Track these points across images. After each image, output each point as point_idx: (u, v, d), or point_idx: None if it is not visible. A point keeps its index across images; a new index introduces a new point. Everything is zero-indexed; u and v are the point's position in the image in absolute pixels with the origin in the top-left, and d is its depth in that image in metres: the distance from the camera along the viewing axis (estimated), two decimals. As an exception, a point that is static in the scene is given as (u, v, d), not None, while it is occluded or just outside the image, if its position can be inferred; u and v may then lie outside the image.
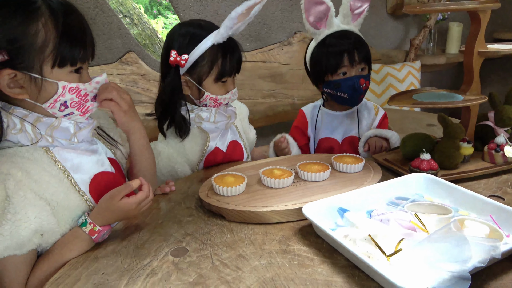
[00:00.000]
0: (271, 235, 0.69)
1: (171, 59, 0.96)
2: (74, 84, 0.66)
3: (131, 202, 0.67)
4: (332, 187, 0.83)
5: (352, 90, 1.09)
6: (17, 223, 0.60)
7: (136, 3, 2.77)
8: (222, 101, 1.03)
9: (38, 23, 0.60)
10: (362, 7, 1.12)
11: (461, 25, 2.53)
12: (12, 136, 0.65)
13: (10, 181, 0.61)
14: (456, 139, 0.95)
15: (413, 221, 0.62)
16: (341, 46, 1.08)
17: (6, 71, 0.60)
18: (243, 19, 0.96)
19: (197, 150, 1.06)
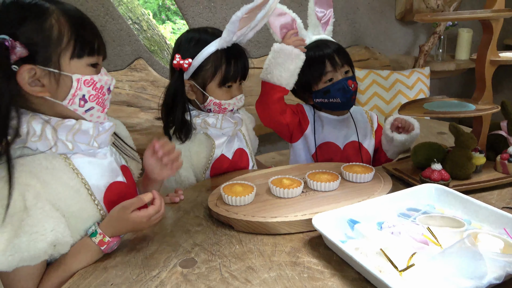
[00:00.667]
0: (280, 246, 0.69)
1: (174, 63, 0.99)
2: (89, 76, 0.66)
3: (142, 216, 0.67)
4: (342, 197, 0.82)
5: (343, 92, 1.09)
6: (34, 235, 0.60)
7: (145, 9, 2.80)
8: (226, 106, 1.04)
9: (51, 19, 0.62)
10: (327, 14, 1.12)
11: (471, 31, 2.50)
12: (31, 144, 0.65)
13: (29, 193, 0.61)
14: (468, 149, 0.93)
15: (425, 235, 0.61)
16: (321, 55, 1.08)
17: (26, 67, 0.61)
18: (246, 23, 0.95)
19: (202, 156, 1.06)
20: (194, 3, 1.87)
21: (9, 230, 0.58)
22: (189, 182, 1.05)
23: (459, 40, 2.53)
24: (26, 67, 0.61)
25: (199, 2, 1.88)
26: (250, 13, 0.92)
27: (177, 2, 1.86)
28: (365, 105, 2.21)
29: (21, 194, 0.60)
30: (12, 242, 0.58)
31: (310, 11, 1.10)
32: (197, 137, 1.06)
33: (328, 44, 1.11)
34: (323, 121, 1.19)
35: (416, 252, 0.58)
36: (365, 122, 1.23)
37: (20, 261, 0.59)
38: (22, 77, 0.61)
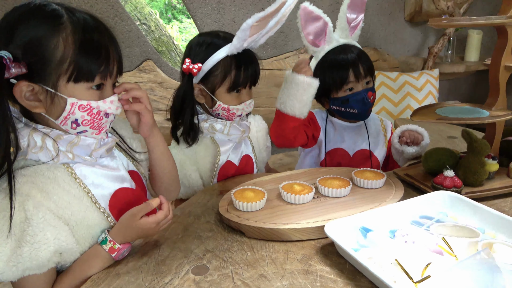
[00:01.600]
0: (292, 253, 0.68)
1: (184, 67, 0.99)
2: (85, 102, 0.64)
3: (151, 221, 0.67)
4: (353, 204, 0.82)
5: (361, 104, 1.08)
6: (36, 245, 0.60)
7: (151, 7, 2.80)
8: (234, 111, 1.03)
9: (59, 37, 0.60)
10: (358, 18, 1.10)
11: (480, 33, 2.48)
12: (32, 155, 0.65)
13: (29, 203, 0.61)
14: (482, 155, 0.92)
15: (440, 245, 0.60)
16: (345, 60, 1.06)
17: (24, 83, 0.60)
18: (257, 31, 0.94)
19: (208, 160, 1.06)
20: (203, 4, 1.87)
21: (12, 240, 0.59)
22: (197, 185, 1.06)
23: (468, 41, 2.50)
24: (24, 83, 0.61)
25: (207, 3, 1.88)
26: (261, 21, 0.91)
27: (186, 3, 1.86)
28: (373, 107, 2.20)
29: (21, 204, 0.60)
30: (15, 253, 0.59)
31: (341, 13, 1.08)
32: (204, 141, 1.06)
33: (354, 50, 1.09)
34: (335, 127, 1.19)
35: (431, 263, 0.57)
36: (378, 131, 1.22)
37: (24, 270, 0.60)
38: (19, 91, 0.61)
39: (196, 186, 1.06)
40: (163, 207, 0.69)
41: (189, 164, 1.04)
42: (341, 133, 1.18)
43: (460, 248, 0.62)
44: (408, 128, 1.14)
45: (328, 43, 1.08)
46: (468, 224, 0.73)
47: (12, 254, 0.58)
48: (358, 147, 1.17)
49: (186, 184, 1.04)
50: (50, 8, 0.62)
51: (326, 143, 1.18)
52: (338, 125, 1.18)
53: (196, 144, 1.04)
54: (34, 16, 0.61)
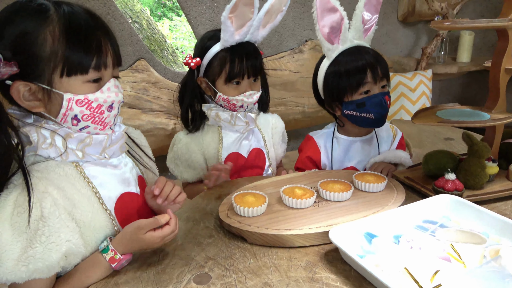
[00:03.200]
0: (296, 260, 0.67)
1: (184, 61, 1.06)
2: (82, 96, 0.62)
3: (156, 236, 0.65)
4: (355, 208, 0.81)
5: (379, 108, 1.01)
6: (49, 246, 0.58)
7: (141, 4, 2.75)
8: (234, 102, 1.06)
9: (46, 31, 0.58)
10: (372, 20, 1.04)
11: (472, 34, 2.50)
12: (43, 151, 0.63)
13: (47, 200, 0.59)
14: (482, 158, 0.92)
15: (449, 253, 0.59)
16: (363, 61, 0.99)
17: (19, 83, 0.59)
18: (243, 21, 1.00)
19: (213, 147, 1.12)
20: (197, 2, 1.84)
21: (24, 239, 0.56)
22: (202, 167, 1.12)
23: (460, 42, 2.52)
24: (20, 82, 0.59)
25: (202, 2, 1.85)
26: (237, 12, 0.97)
27: (180, 1, 1.83)
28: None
29: (39, 201, 0.58)
30: (26, 252, 0.56)
31: (357, 11, 1.00)
32: (211, 129, 1.12)
33: (370, 51, 1.02)
34: (342, 145, 1.11)
35: (439, 270, 0.56)
36: (389, 141, 1.14)
37: (33, 272, 0.57)
38: (16, 92, 0.59)
39: (201, 170, 1.12)
40: (171, 222, 0.67)
41: (194, 146, 1.11)
42: (348, 150, 1.11)
43: (467, 255, 0.61)
44: (385, 158, 1.06)
45: (343, 43, 1.01)
46: (472, 228, 0.73)
47: (22, 254, 0.56)
48: (365, 167, 1.10)
49: (192, 166, 1.11)
50: (36, 3, 0.60)
51: (333, 165, 1.11)
52: (346, 142, 1.11)
53: (203, 131, 1.12)
54: (20, 13, 0.59)
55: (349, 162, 1.11)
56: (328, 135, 1.14)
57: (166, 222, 0.66)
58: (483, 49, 2.72)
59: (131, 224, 0.65)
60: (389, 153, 1.08)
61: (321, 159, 1.13)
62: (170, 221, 0.67)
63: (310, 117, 2.14)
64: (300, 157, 1.16)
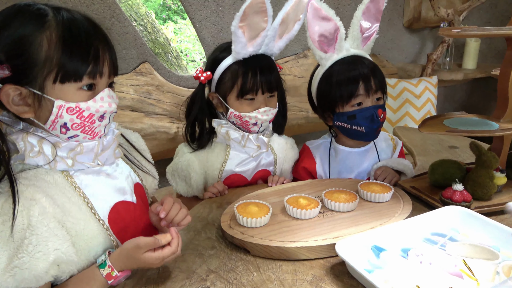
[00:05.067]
0: (301, 274, 0.65)
1: (194, 75, 0.99)
2: (74, 104, 0.60)
3: (155, 257, 0.62)
4: (362, 219, 0.79)
5: (370, 122, 0.97)
6: (37, 255, 0.56)
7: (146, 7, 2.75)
8: (247, 119, 0.99)
9: (43, 36, 0.57)
10: (372, 28, 1.00)
11: (478, 41, 2.48)
12: (30, 159, 0.61)
13: (35, 208, 0.57)
14: (491, 169, 0.90)
15: (462, 269, 0.57)
16: (356, 72, 0.96)
17: (9, 87, 0.57)
18: (256, 32, 0.91)
19: (216, 167, 1.04)
20: (201, 6, 1.83)
21: (10, 248, 0.54)
22: (198, 188, 1.03)
23: (466, 49, 2.50)
24: (10, 86, 0.57)
25: (206, 6, 1.84)
26: (248, 21, 0.88)
27: (185, 5, 1.82)
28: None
29: (26, 209, 0.56)
30: (12, 262, 0.54)
31: (355, 20, 0.97)
32: (218, 147, 1.04)
33: (365, 62, 0.98)
34: (340, 156, 1.07)
35: (452, 287, 0.54)
36: (389, 152, 1.11)
37: (20, 282, 0.55)
38: (5, 96, 0.58)
39: (196, 189, 1.03)
40: (172, 243, 0.63)
41: (196, 164, 1.02)
42: (348, 162, 1.07)
43: (480, 271, 0.59)
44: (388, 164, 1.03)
45: (338, 51, 0.98)
46: (482, 242, 0.71)
47: (9, 263, 0.54)
48: (369, 175, 1.06)
49: (188, 183, 1.03)
50: (34, 7, 0.59)
51: (330, 176, 1.07)
52: (345, 153, 1.07)
53: (210, 148, 1.04)
54: (18, 16, 0.58)
55: (347, 175, 1.07)
56: (325, 146, 1.10)
57: (167, 242, 0.63)
58: (488, 56, 2.70)
59: (130, 241, 0.63)
60: (392, 159, 1.05)
61: (316, 170, 1.09)
62: (172, 241, 0.63)
63: (313, 122, 2.12)
64: (296, 166, 1.13)
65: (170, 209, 0.67)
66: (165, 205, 0.68)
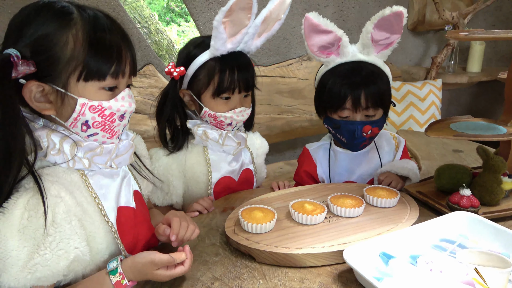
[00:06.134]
0: (308, 282, 0.63)
1: (166, 70, 0.94)
2: (96, 102, 0.61)
3: (167, 275, 0.62)
4: (368, 225, 0.77)
5: (351, 136, 0.95)
6: (59, 252, 0.56)
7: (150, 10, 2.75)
8: (222, 119, 0.95)
9: (69, 34, 0.58)
10: (390, 39, 0.93)
11: (483, 44, 2.46)
12: (51, 157, 0.61)
13: (61, 206, 0.58)
14: (498, 173, 0.88)
15: (475, 278, 0.56)
16: (345, 85, 0.92)
17: (33, 83, 0.57)
18: (237, 29, 0.88)
19: (199, 170, 1.00)
20: (205, 9, 1.83)
21: (31, 245, 0.54)
22: (177, 194, 0.99)
23: (471, 52, 2.48)
24: (33, 82, 0.58)
25: (210, 8, 1.84)
26: (232, 16, 0.85)
27: (189, 7, 1.82)
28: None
29: (51, 206, 0.56)
30: (33, 259, 0.54)
31: (365, 30, 0.92)
32: (196, 149, 1.00)
33: (365, 73, 0.93)
34: (340, 159, 1.05)
35: (462, 297, 0.53)
36: (391, 152, 1.08)
37: (38, 280, 0.55)
38: (28, 92, 0.58)
39: (175, 195, 0.99)
40: (185, 263, 0.63)
41: (175, 169, 0.98)
42: (348, 165, 1.04)
43: (492, 280, 0.58)
44: (391, 169, 1.00)
45: (342, 55, 0.95)
46: (492, 248, 0.69)
47: (29, 260, 0.54)
48: (370, 176, 1.04)
49: (165, 190, 0.97)
50: (59, 5, 0.59)
51: (331, 179, 1.05)
52: (345, 156, 1.05)
53: (186, 150, 0.99)
54: (43, 13, 0.58)
55: (349, 177, 1.05)
56: (325, 148, 1.08)
57: (181, 261, 0.63)
58: (493, 59, 2.68)
59: (145, 255, 0.62)
60: (396, 163, 1.02)
61: (317, 173, 1.07)
62: (186, 261, 0.63)
63: (317, 125, 2.11)
64: (297, 170, 1.11)
65: (179, 229, 0.66)
66: (173, 227, 0.67)
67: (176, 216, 0.68)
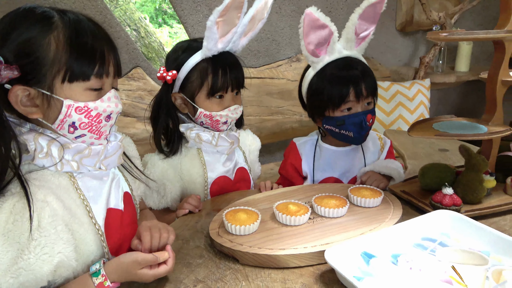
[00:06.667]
0: (290, 282, 0.64)
1: (158, 75, 0.95)
2: (82, 103, 0.61)
3: (151, 275, 0.62)
4: (352, 225, 0.78)
5: (358, 128, 0.97)
6: (42, 257, 0.56)
7: (141, 12, 2.75)
8: (218, 118, 0.97)
9: (51, 37, 0.59)
10: (368, 30, 0.99)
11: (471, 43, 2.49)
12: (38, 161, 0.62)
13: (46, 210, 0.58)
14: (480, 172, 0.90)
15: (451, 276, 0.57)
16: (347, 77, 0.95)
17: (18, 87, 0.58)
18: (228, 29, 0.90)
19: (195, 172, 1.01)
20: (194, 11, 1.83)
21: (15, 249, 0.54)
22: (172, 197, 1.00)
23: (459, 51, 2.52)
24: (19, 87, 0.58)
25: (198, 11, 1.84)
26: (226, 16, 0.87)
27: (177, 10, 1.82)
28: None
29: (37, 210, 0.57)
30: (16, 264, 0.54)
31: (350, 23, 0.95)
32: (190, 152, 1.02)
33: (357, 66, 0.98)
34: (325, 155, 1.08)
35: (439, 295, 0.54)
36: (376, 151, 1.11)
37: (20, 285, 0.55)
38: (14, 96, 0.59)
39: (171, 199, 1.00)
40: (168, 262, 0.64)
41: (171, 174, 0.99)
42: (332, 161, 1.07)
43: (469, 277, 0.59)
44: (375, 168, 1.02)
45: (330, 54, 0.97)
46: (472, 247, 0.71)
47: (12, 265, 0.54)
48: (352, 174, 1.07)
49: (161, 193, 0.98)
50: (40, 10, 0.61)
51: (314, 174, 1.08)
52: (330, 152, 1.08)
53: (181, 154, 1.01)
54: (25, 19, 0.59)
55: (332, 173, 1.07)
56: (312, 143, 1.11)
57: (164, 260, 0.63)
58: (481, 59, 2.72)
59: (128, 255, 0.62)
60: (379, 163, 1.04)
61: (302, 167, 1.09)
62: (168, 260, 0.64)
63: (307, 126, 2.12)
64: (283, 163, 1.15)
65: (150, 243, 0.65)
66: (144, 242, 0.65)
67: (146, 230, 0.66)
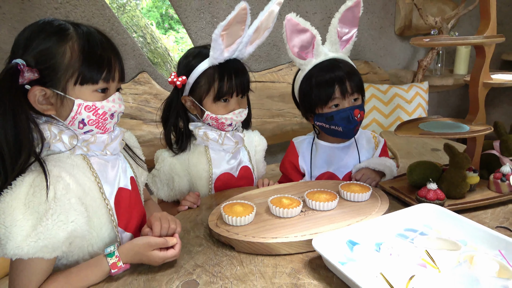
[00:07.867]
0: (280, 267, 0.70)
1: (169, 80, 1.04)
2: (91, 103, 0.71)
3: (160, 257, 0.70)
4: (340, 217, 0.84)
5: (346, 122, 1.04)
6: (58, 223, 0.64)
7: (148, 18, 2.84)
8: (223, 121, 1.05)
9: (66, 46, 0.68)
10: (350, 33, 1.07)
11: (469, 47, 2.54)
12: (54, 145, 0.71)
13: (60, 184, 0.66)
14: (463, 169, 0.95)
15: (424, 259, 0.63)
16: (331, 76, 1.03)
17: (37, 88, 0.67)
18: (234, 39, 0.98)
19: (201, 168, 1.09)
20: (197, 18, 1.91)
21: (35, 218, 0.62)
22: (180, 191, 1.08)
23: (457, 54, 2.56)
24: (37, 88, 0.68)
25: (202, 18, 1.92)
26: (230, 29, 0.95)
27: (181, 17, 1.90)
28: (364, 119, 2.23)
29: (53, 184, 0.65)
30: (35, 229, 0.62)
31: (331, 27, 1.04)
32: (198, 149, 1.10)
33: (341, 66, 1.05)
34: (321, 151, 1.15)
35: (414, 275, 0.60)
36: (370, 149, 1.17)
37: (39, 249, 0.62)
38: (33, 96, 0.68)
39: (179, 192, 1.08)
40: (176, 247, 0.72)
41: (178, 168, 1.08)
42: (328, 157, 1.14)
43: (443, 261, 0.65)
44: (369, 165, 1.09)
45: (316, 56, 1.05)
46: (451, 236, 0.76)
47: (32, 230, 0.61)
48: (347, 169, 1.13)
49: (171, 187, 1.07)
50: (57, 23, 0.71)
51: (311, 169, 1.15)
52: (325, 148, 1.15)
53: (189, 151, 1.09)
54: (44, 30, 0.69)
55: (327, 168, 1.14)
56: (309, 141, 1.19)
57: (173, 244, 0.72)
58: (479, 61, 2.76)
59: (141, 238, 0.71)
60: (374, 160, 1.11)
61: (299, 163, 1.17)
62: (176, 245, 0.72)
63: (307, 128, 2.18)
64: (283, 161, 1.23)
65: (159, 232, 0.74)
66: (154, 231, 0.74)
67: (157, 220, 0.75)
